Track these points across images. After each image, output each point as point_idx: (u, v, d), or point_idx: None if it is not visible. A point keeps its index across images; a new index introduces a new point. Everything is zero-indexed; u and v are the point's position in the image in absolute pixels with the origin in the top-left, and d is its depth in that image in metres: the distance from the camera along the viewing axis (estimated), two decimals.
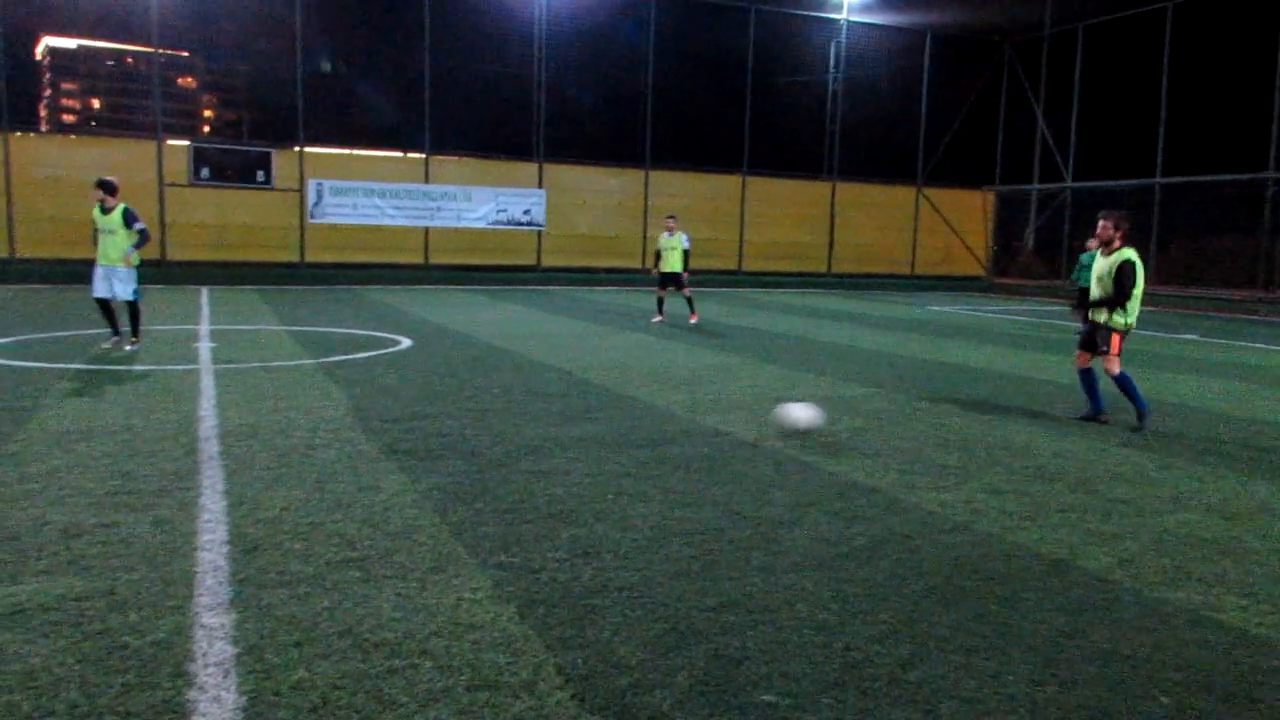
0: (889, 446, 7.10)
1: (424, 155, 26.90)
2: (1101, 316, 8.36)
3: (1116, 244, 8.37)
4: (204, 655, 3.33)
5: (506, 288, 25.91)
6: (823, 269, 32.29)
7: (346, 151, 26.69)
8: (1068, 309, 19.20)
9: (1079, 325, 17.98)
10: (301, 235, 25.67)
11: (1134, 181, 29.10)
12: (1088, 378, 8.70)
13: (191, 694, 3.07)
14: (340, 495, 5.35)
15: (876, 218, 32.94)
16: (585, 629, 3.65)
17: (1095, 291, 8.42)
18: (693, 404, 8.61)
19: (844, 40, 31.52)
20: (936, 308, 24.11)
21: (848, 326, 17.62)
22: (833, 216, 32.27)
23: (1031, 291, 31.35)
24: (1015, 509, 5.52)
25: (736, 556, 4.54)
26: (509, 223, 27.77)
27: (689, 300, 17.06)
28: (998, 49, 33.31)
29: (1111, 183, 29.85)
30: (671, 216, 17.61)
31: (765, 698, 3.16)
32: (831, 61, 31.78)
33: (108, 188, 11.15)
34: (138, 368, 9.90)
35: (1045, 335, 17.31)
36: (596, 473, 6.02)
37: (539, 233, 28.25)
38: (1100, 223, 8.47)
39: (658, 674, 3.30)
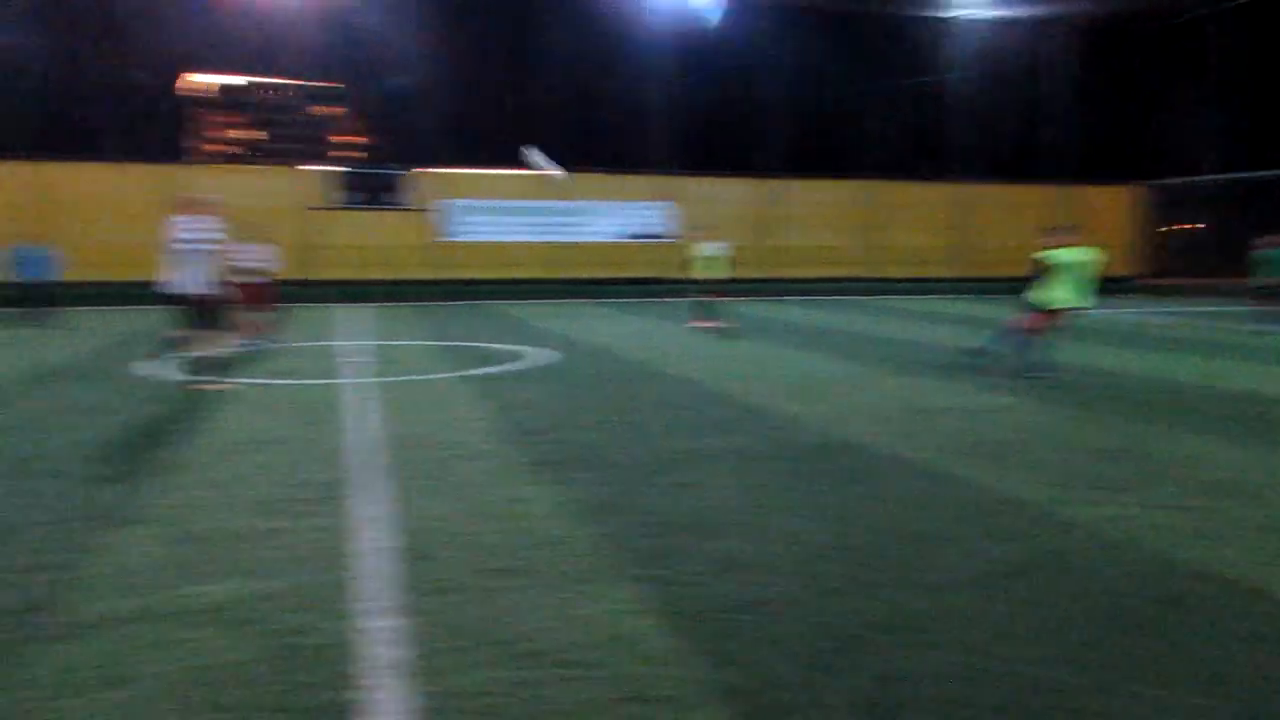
0: (1042, 459, 6.79)
1: None
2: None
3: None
4: (367, 658, 3.46)
5: (636, 300, 26.12)
6: (958, 273, 31.32)
7: (476, 171, 27.48)
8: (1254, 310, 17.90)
9: (1253, 325, 17.03)
10: (435, 253, 26.57)
11: None
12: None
13: (356, 695, 3.18)
14: (491, 505, 5.48)
15: (1017, 218, 31.72)
16: (735, 644, 3.61)
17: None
18: (831, 415, 8.46)
19: (979, 38, 30.55)
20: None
21: (988, 332, 16.95)
22: (967, 219, 31.27)
23: (1189, 291, 29.51)
24: (1186, 526, 5.19)
25: (888, 574, 4.42)
26: (637, 236, 28.02)
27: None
28: (1146, 35, 31.58)
29: (1272, 173, 27.89)
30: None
31: None
32: (966, 60, 30.85)
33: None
34: (290, 382, 10.42)
35: (1208, 338, 16.29)
36: (739, 486, 5.98)
37: (667, 245, 28.42)
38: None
39: (814, 692, 3.23)
